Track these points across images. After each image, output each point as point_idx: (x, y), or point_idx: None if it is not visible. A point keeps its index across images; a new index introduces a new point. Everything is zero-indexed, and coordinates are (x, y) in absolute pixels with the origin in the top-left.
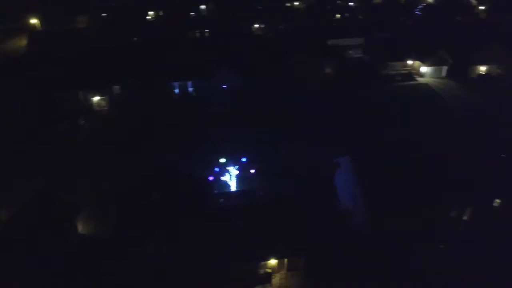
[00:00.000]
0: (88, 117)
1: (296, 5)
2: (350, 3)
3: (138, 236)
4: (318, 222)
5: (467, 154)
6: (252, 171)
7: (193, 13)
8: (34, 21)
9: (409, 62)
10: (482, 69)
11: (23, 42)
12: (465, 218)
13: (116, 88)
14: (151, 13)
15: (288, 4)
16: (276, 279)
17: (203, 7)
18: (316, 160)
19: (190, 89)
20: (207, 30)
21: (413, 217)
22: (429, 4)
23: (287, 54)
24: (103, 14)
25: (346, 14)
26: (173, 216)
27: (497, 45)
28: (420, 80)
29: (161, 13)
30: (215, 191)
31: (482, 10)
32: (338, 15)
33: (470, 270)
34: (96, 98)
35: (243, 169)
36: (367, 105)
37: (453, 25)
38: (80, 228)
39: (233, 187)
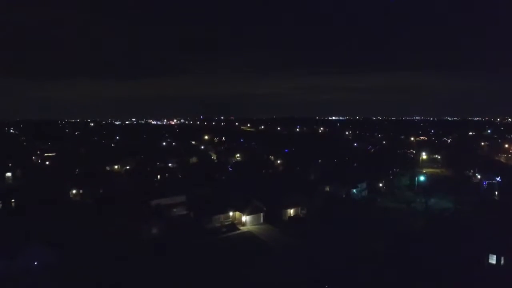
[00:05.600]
0: None
1: (116, 168)
2: (169, 164)
3: None
4: None
5: None
6: None
7: None
8: None
9: (231, 213)
10: (291, 212)
11: None
12: None
13: None
14: None
15: (108, 168)
16: None
17: (8, 174)
18: None
19: None
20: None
21: None
22: (237, 161)
23: (109, 218)
24: None
25: (167, 175)
26: None
27: (299, 192)
28: (243, 228)
29: None
30: None
31: (279, 164)
32: (158, 176)
33: None
34: None
35: None
36: (196, 261)
37: (260, 177)
38: None
39: None
